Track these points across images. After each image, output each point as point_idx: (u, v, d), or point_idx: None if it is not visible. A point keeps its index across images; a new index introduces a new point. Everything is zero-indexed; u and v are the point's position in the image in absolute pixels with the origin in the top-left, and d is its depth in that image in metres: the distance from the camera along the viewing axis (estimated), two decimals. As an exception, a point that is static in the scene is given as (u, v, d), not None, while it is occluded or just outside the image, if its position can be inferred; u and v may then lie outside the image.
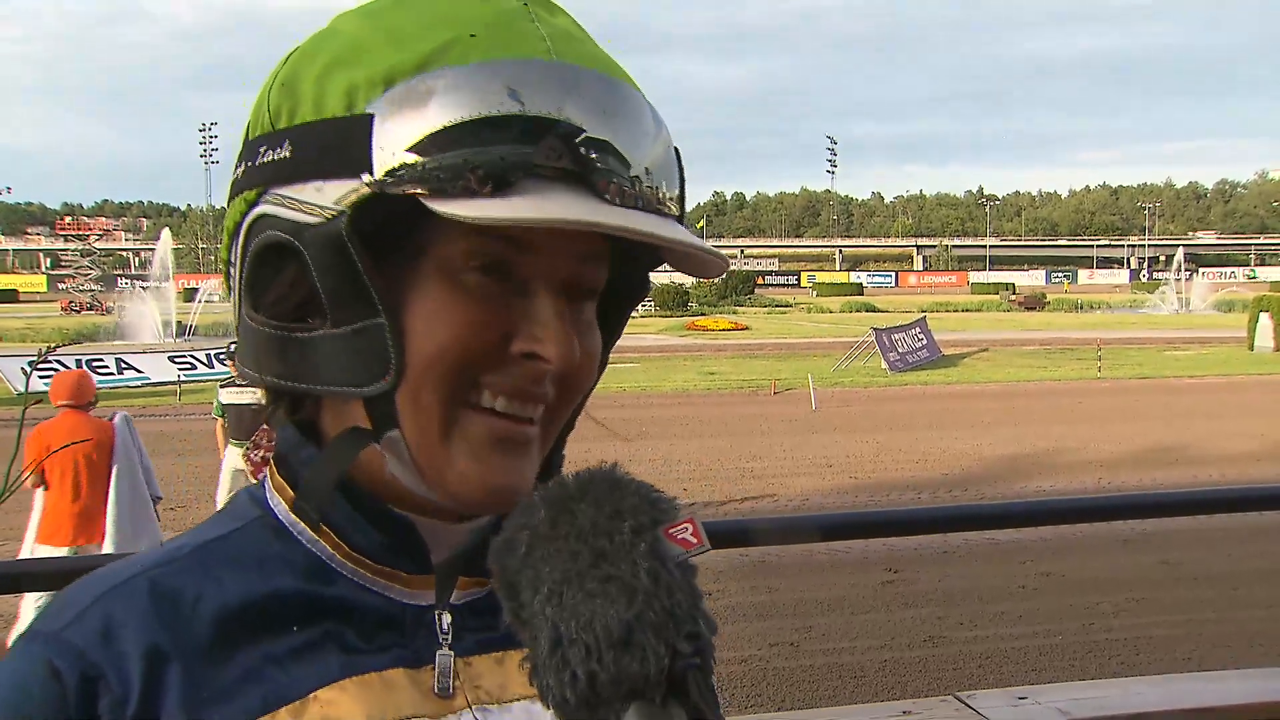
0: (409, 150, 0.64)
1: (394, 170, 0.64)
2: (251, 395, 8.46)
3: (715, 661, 0.56)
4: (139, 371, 21.94)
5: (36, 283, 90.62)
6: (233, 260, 0.73)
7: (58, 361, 21.35)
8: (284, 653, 0.69)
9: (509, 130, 0.64)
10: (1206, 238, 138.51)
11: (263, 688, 0.67)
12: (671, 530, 0.57)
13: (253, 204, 0.70)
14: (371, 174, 0.65)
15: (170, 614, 0.68)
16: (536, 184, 0.64)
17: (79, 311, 54.79)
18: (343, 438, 0.71)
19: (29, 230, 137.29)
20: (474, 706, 0.72)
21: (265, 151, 0.70)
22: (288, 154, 0.68)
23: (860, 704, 4.86)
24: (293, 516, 0.73)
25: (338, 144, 0.66)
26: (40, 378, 20.34)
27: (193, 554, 0.71)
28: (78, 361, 21.73)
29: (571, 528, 0.56)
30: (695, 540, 0.57)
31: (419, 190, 0.64)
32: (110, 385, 21.16)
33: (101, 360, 22.46)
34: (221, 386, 9.26)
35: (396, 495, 0.72)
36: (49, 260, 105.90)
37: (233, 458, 9.00)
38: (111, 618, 0.67)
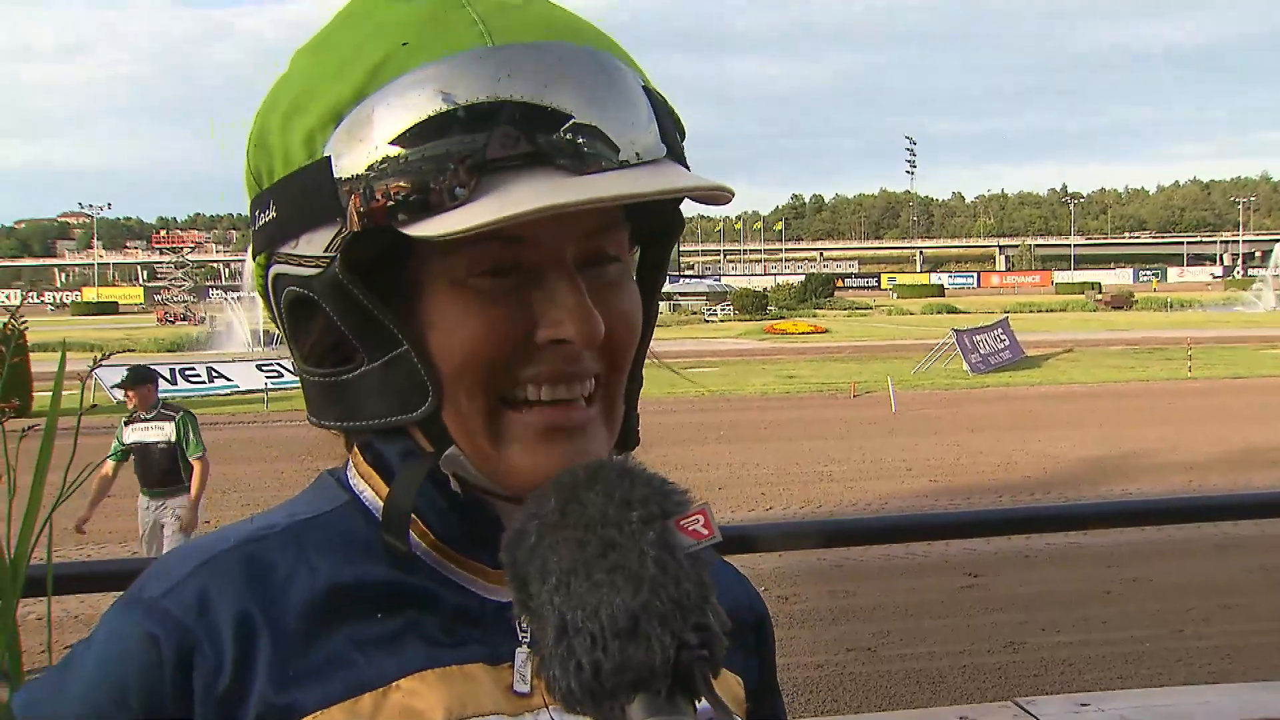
0: (365, 179, 0.64)
1: (363, 203, 0.64)
2: (160, 432, 7.40)
3: (724, 654, 0.55)
4: (229, 380, 22.52)
5: (135, 294, 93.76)
6: (274, 319, 0.75)
7: (153, 370, 22.11)
8: (368, 639, 0.69)
9: (452, 134, 0.63)
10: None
11: (346, 672, 0.68)
12: (682, 521, 0.56)
13: (266, 267, 0.72)
14: (344, 214, 0.65)
15: (262, 589, 0.68)
16: (497, 179, 0.62)
17: (173, 322, 56.42)
18: (408, 468, 0.71)
19: (128, 244, 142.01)
20: (551, 706, 0.71)
21: (259, 215, 0.72)
22: (274, 214, 0.70)
23: (917, 709, 4.77)
24: (379, 503, 0.73)
25: (309, 193, 0.67)
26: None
27: (285, 532, 0.72)
28: (171, 371, 22.46)
29: (580, 517, 0.56)
30: (706, 532, 0.57)
31: (391, 219, 0.63)
32: (202, 393, 21.79)
33: (194, 369, 23.15)
34: (125, 423, 7.49)
35: (480, 482, 0.73)
36: (146, 273, 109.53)
37: (148, 512, 7.48)
38: (206, 588, 0.68)
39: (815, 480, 12.33)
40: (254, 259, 0.74)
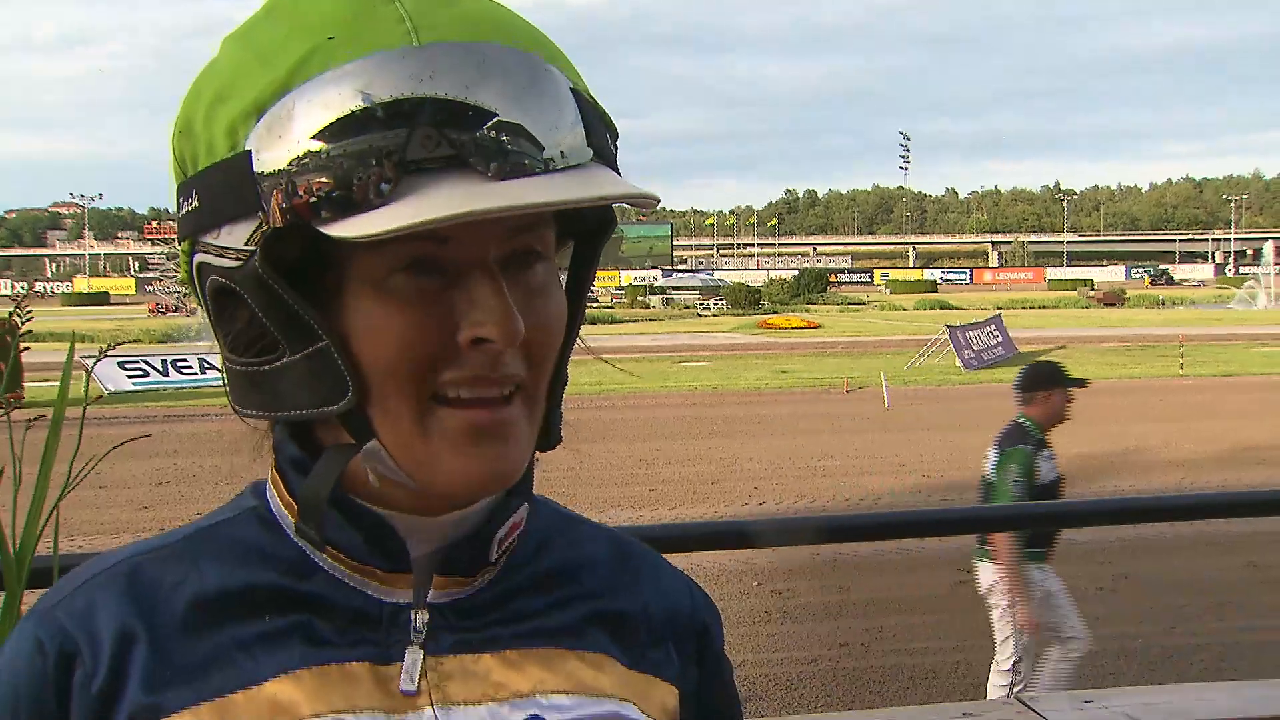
0: (284, 175, 0.64)
1: (283, 199, 0.64)
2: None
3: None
4: (220, 371, 22.43)
5: (126, 285, 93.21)
6: (200, 305, 0.75)
7: (144, 361, 22.05)
8: (252, 639, 0.71)
9: (372, 132, 0.62)
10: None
11: (222, 672, 0.70)
12: None
13: (190, 254, 0.72)
14: (263, 210, 0.65)
15: (146, 599, 0.72)
16: (416, 180, 0.62)
17: (165, 313, 56.22)
18: (327, 455, 0.72)
19: (119, 235, 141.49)
20: (436, 705, 0.71)
21: (183, 203, 0.72)
22: (197, 204, 0.70)
23: (920, 705, 4.78)
24: (282, 509, 0.75)
25: (230, 186, 0.67)
26: (129, 377, 21.10)
27: (183, 542, 0.75)
28: (163, 362, 22.36)
29: None
30: None
31: (308, 216, 0.63)
32: (194, 385, 21.72)
33: (185, 360, 23.06)
34: (1034, 449, 5.57)
35: (374, 493, 0.73)
36: (137, 264, 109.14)
37: (1041, 582, 5.40)
38: (93, 600, 0.72)
39: (808, 475, 12.35)
40: (179, 245, 0.74)
